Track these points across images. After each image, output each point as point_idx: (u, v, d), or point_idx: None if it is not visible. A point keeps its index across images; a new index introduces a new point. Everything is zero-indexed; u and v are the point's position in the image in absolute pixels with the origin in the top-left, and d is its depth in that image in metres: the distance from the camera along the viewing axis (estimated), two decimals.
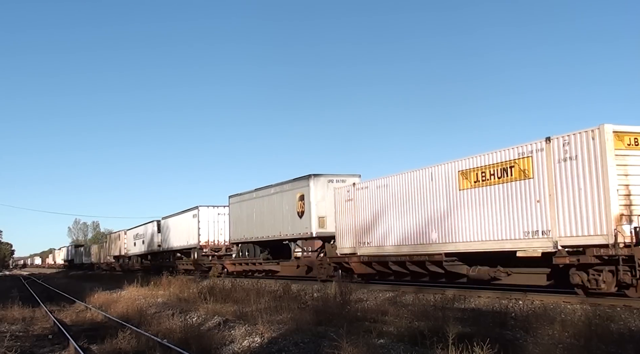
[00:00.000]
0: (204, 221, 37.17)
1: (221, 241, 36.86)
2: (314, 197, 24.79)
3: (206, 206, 37.45)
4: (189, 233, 38.64)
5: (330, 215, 23.87)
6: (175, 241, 42.10)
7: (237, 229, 32.63)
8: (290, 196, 26.55)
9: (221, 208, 36.88)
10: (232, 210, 33.56)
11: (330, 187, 24.55)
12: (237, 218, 32.70)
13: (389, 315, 12.88)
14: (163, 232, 45.52)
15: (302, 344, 9.71)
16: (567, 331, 9.48)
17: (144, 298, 20.39)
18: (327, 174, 25.34)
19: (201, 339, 10.78)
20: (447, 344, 7.62)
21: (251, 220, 30.56)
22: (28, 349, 11.85)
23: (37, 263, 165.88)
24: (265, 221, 28.97)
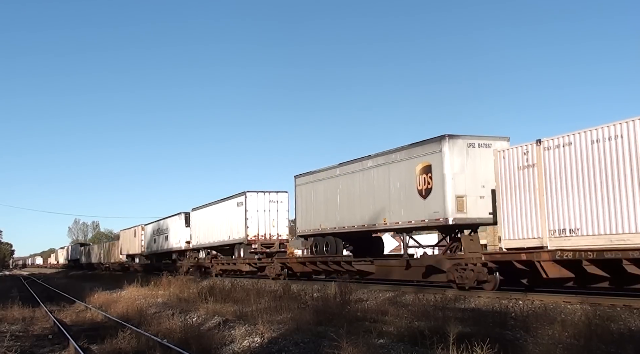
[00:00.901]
0: (253, 211, 30.59)
1: (273, 235, 30.79)
2: (450, 168, 17.40)
3: (255, 192, 30.90)
4: (231, 226, 32.44)
5: (471, 194, 17.32)
6: (211, 237, 35.71)
7: (309, 217, 25.46)
8: (405, 168, 19.21)
9: (273, 194, 31.09)
10: (301, 193, 26.18)
11: (470, 154, 17.51)
12: (307, 203, 25.59)
13: (389, 315, 12.88)
14: (193, 226, 39.15)
15: (302, 344, 9.71)
16: (567, 331, 9.48)
17: (144, 298, 20.40)
18: (465, 135, 17.77)
19: (201, 339, 10.78)
20: (448, 344, 7.61)
21: (332, 205, 23.55)
22: (28, 349, 11.84)
23: (38, 263, 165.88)
24: (356, 206, 21.86)
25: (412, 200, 18.75)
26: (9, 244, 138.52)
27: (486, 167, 17.09)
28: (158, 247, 47.10)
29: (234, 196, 32.21)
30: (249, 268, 30.47)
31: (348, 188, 22.57)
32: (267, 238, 30.57)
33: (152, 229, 49.19)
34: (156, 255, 48.57)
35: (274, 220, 30.80)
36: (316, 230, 24.80)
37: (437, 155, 17.71)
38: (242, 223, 30.66)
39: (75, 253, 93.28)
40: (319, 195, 24.81)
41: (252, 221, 30.45)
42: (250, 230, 30.39)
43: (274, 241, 30.59)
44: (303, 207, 26.16)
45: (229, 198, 33.18)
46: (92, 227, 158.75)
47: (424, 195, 18.24)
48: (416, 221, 18.77)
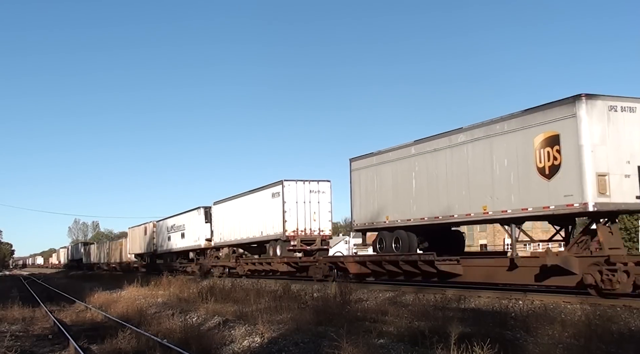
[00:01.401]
0: (291, 202, 26.81)
1: (314, 230, 27.03)
2: (588, 137, 13.71)
3: (294, 181, 27.16)
4: (264, 220, 28.71)
5: (615, 172, 13.73)
6: (238, 233, 31.98)
7: (370, 208, 21.36)
8: (516, 141, 15.41)
9: (314, 183, 27.43)
10: (359, 178, 22.05)
11: (612, 120, 13.98)
12: (368, 191, 21.52)
13: (389, 315, 12.88)
14: (216, 221, 35.36)
15: (302, 344, 9.71)
16: (567, 331, 9.48)
17: (144, 298, 20.41)
18: (605, 95, 14.18)
19: (201, 339, 10.79)
20: (448, 344, 7.62)
21: (404, 192, 19.45)
22: (28, 349, 11.84)
23: (38, 263, 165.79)
24: (440, 192, 18.00)
25: (528, 182, 14.97)
26: (9, 244, 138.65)
27: (631, 136, 13.95)
28: (173, 245, 43.00)
29: (269, 186, 28.35)
30: (287, 268, 26.28)
31: (428, 170, 18.51)
32: (307, 233, 26.78)
33: (166, 226, 44.80)
34: (170, 254, 44.46)
35: (314, 213, 26.92)
36: (381, 223, 20.61)
37: (569, 121, 14.03)
38: (279, 217, 26.88)
39: (78, 253, 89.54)
40: (385, 180, 20.56)
41: (291, 214, 26.65)
42: (289, 224, 26.60)
43: (315, 237, 26.94)
44: (362, 196, 21.80)
45: (261, 188, 29.36)
46: (92, 227, 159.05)
47: (548, 175, 14.45)
48: (535, 209, 14.84)
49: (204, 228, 36.82)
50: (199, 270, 36.35)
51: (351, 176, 22.64)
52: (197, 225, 37.67)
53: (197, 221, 37.72)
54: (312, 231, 27.05)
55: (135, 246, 54.18)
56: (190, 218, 39.42)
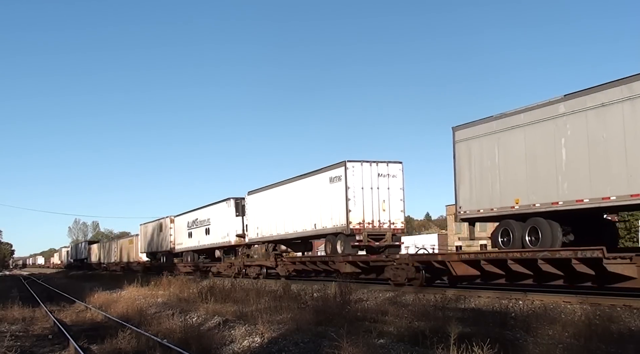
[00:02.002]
0: (356, 188, 21.99)
1: (384, 223, 22.32)
2: None
3: (358, 162, 22.24)
4: (319, 210, 23.85)
5: None
6: (282, 226, 27.11)
7: (486, 189, 16.73)
8: None
9: (382, 165, 22.53)
10: (469, 151, 17.31)
11: None
12: (484, 166, 16.84)
13: (389, 315, 12.88)
14: (251, 214, 30.63)
15: (302, 344, 9.71)
16: (567, 331, 9.48)
17: (144, 298, 20.41)
18: None
19: (201, 339, 10.79)
20: (448, 344, 7.61)
21: (547, 165, 14.97)
22: (28, 349, 11.84)
23: (39, 263, 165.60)
24: (608, 162, 13.54)
25: None
26: (9, 244, 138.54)
27: None
28: (194, 243, 38.82)
29: (326, 169, 23.58)
30: (352, 268, 21.62)
31: (590, 133, 13.91)
32: (375, 226, 22.11)
33: (186, 221, 40.50)
34: (191, 252, 40.29)
35: (384, 201, 22.27)
36: (506, 208, 16.08)
37: None
38: (341, 206, 22.25)
39: (81, 252, 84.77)
40: (513, 151, 15.91)
41: (356, 202, 21.94)
42: (354, 215, 21.87)
43: (384, 231, 22.27)
44: (474, 174, 17.14)
45: (315, 172, 24.55)
46: (92, 227, 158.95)
47: None
48: None
49: (235, 222, 32.48)
50: (226, 270, 32.33)
51: (455, 149, 17.76)
52: (226, 219, 33.21)
53: (226, 214, 33.23)
54: (381, 223, 22.23)
55: (148, 244, 49.41)
56: (217, 212, 34.87)
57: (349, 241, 22.12)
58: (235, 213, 32.63)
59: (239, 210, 32.46)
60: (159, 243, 46.04)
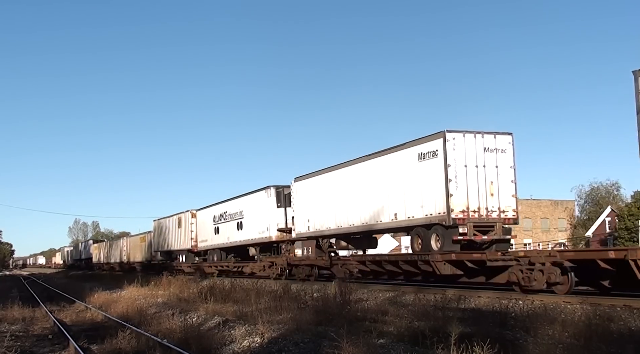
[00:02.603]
0: (459, 166, 17.37)
1: (492, 211, 17.68)
2: None
3: (460, 133, 17.54)
4: (404, 196, 18.86)
5: None
6: (346, 218, 22.14)
7: None
8: None
9: (489, 137, 17.90)
10: None
11: None
12: None
13: (389, 315, 12.89)
14: (300, 204, 25.60)
15: (302, 344, 9.71)
16: (567, 331, 9.48)
17: (144, 298, 20.42)
18: None
19: (201, 339, 10.79)
20: (448, 344, 7.61)
21: None
22: (28, 349, 11.85)
23: (40, 263, 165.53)
24: None
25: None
26: (9, 244, 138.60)
27: None
28: (223, 239, 33.93)
29: (413, 143, 18.58)
30: (452, 270, 17.26)
31: None
32: (482, 215, 17.53)
33: (212, 215, 35.60)
34: (219, 250, 35.22)
35: (492, 183, 17.71)
36: None
37: None
38: (439, 189, 17.48)
39: (85, 252, 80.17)
40: None
41: (459, 184, 17.32)
42: (457, 200, 17.24)
43: (493, 221, 17.63)
44: None
45: (395, 148, 19.58)
46: (92, 227, 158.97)
47: None
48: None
49: (276, 214, 27.86)
50: (263, 271, 28.65)
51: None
52: (265, 211, 28.51)
53: (265, 205, 28.49)
54: (489, 212, 17.66)
55: (163, 242, 44.43)
56: (252, 203, 30.10)
57: (450, 234, 17.34)
58: (277, 203, 27.82)
59: (281, 200, 27.66)
60: (177, 240, 40.94)
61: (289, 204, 26.97)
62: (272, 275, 26.36)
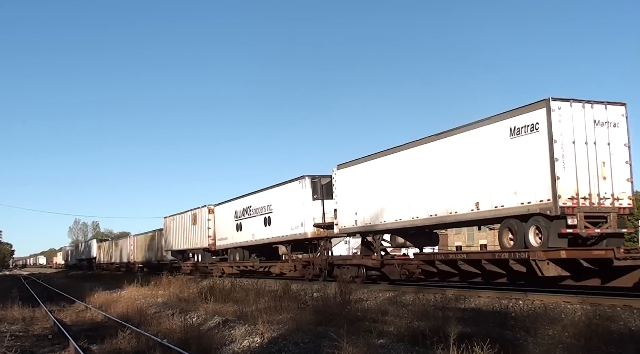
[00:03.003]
0: (565, 142, 14.34)
1: (605, 198, 14.66)
2: None
3: (567, 102, 14.55)
4: (489, 181, 15.86)
5: None
6: (409, 210, 18.84)
7: None
8: None
9: (599, 107, 14.88)
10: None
11: None
12: None
13: (389, 315, 12.89)
14: (344, 194, 22.28)
15: (302, 344, 9.71)
16: (567, 331, 9.48)
17: (144, 298, 20.40)
18: None
19: (201, 339, 10.78)
20: (448, 344, 7.61)
21: None
22: (28, 349, 11.85)
23: (41, 263, 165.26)
24: None
25: None
26: (9, 244, 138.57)
27: None
28: (247, 237, 30.56)
29: (503, 116, 15.61)
30: (556, 270, 14.35)
31: None
32: (594, 203, 14.52)
33: (234, 210, 32.24)
34: (242, 248, 31.87)
35: (603, 163, 14.76)
36: None
37: None
38: (540, 172, 14.47)
39: (88, 251, 76.04)
40: None
41: (566, 165, 14.28)
42: (565, 184, 14.19)
43: (606, 210, 14.65)
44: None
45: (476, 124, 16.49)
46: (92, 227, 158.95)
47: None
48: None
49: (311, 207, 24.59)
50: (295, 271, 25.85)
51: None
52: (298, 204, 25.14)
53: (299, 197, 25.12)
54: (601, 199, 14.63)
55: (176, 240, 40.92)
56: (283, 195, 26.77)
57: (556, 227, 14.24)
58: (312, 195, 24.62)
59: (318, 192, 24.60)
60: (191, 238, 37.63)
61: (328, 196, 23.86)
62: (308, 276, 24.08)
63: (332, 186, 23.27)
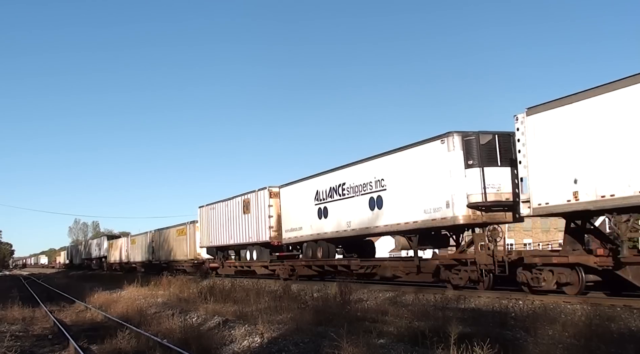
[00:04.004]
0: None
1: None
2: None
3: None
4: None
5: None
6: None
7: None
8: None
9: None
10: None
11: None
12: None
13: (389, 315, 12.88)
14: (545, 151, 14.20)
15: (302, 344, 9.71)
16: (567, 331, 9.48)
17: (144, 298, 20.41)
18: None
19: (201, 339, 10.78)
20: (448, 344, 7.61)
21: None
22: (28, 349, 11.85)
23: (42, 263, 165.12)
24: None
25: None
26: (9, 244, 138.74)
27: None
28: (336, 226, 22.72)
29: None
30: None
31: None
32: None
33: (315, 190, 24.28)
34: (325, 241, 24.09)
35: None
36: None
37: None
38: None
39: (98, 250, 69.49)
40: None
41: None
42: None
43: None
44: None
45: None
46: (92, 227, 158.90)
47: None
48: None
49: (464, 178, 16.57)
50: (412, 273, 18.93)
51: None
52: (440, 174, 17.14)
53: (441, 164, 17.13)
54: None
55: (217, 234, 33.90)
56: (409, 163, 18.58)
57: None
58: (466, 161, 16.63)
59: (475, 155, 16.60)
60: (241, 231, 30.53)
61: (490, 161, 16.49)
62: (457, 281, 16.86)
63: (509, 145, 16.21)
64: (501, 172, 16.40)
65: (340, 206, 22.48)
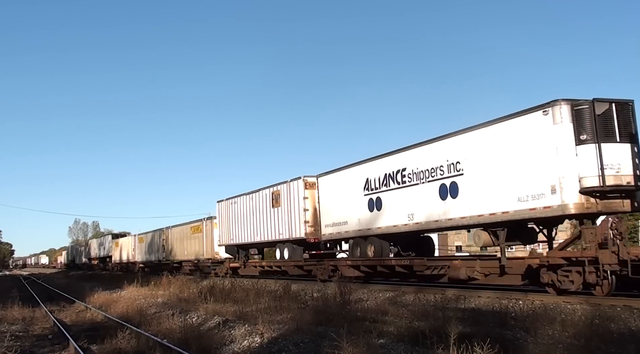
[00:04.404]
0: None
1: None
2: None
3: None
4: None
5: None
6: None
7: None
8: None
9: None
10: None
11: None
12: None
13: (389, 315, 12.88)
14: None
15: (302, 344, 9.71)
16: (567, 331, 9.48)
17: (144, 298, 20.40)
18: None
19: (201, 339, 10.78)
20: (448, 344, 7.61)
21: None
22: (28, 349, 11.85)
23: (43, 263, 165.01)
24: None
25: None
26: (9, 244, 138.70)
27: None
28: (397, 218, 19.03)
29: None
30: None
31: None
32: None
33: (364, 178, 20.73)
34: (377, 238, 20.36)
35: None
36: None
37: None
38: None
39: (101, 249, 66.59)
40: None
41: None
42: None
43: None
44: None
45: None
46: (92, 227, 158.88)
47: None
48: None
49: (575, 158, 13.21)
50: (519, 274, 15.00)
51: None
52: (543, 152, 13.77)
53: (543, 140, 13.76)
54: None
55: (240, 230, 30.15)
56: (496, 140, 15.20)
57: None
58: (577, 135, 13.34)
59: (587, 129, 13.30)
60: (270, 227, 27.13)
61: (610, 136, 13.25)
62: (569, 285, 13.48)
63: (629, 116, 13.48)
64: (621, 149, 13.15)
65: (399, 195, 18.91)
